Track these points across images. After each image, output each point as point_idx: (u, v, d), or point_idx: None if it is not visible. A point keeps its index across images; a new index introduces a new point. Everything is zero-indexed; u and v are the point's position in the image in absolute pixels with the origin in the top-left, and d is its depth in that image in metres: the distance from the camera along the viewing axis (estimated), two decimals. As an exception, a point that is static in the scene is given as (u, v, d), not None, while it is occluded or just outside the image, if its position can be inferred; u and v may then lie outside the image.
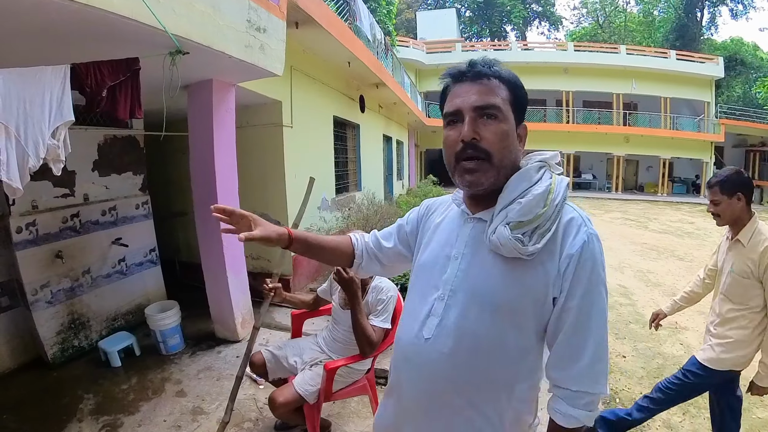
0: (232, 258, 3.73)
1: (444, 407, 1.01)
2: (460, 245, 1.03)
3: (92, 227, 3.89)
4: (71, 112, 1.92)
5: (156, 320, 3.58)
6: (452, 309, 0.99)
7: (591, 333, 0.93)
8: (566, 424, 0.95)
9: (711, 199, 2.21)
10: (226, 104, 3.51)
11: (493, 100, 0.96)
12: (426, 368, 1.01)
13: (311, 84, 5.43)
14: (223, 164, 3.56)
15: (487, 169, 0.96)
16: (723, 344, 2.19)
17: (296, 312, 2.79)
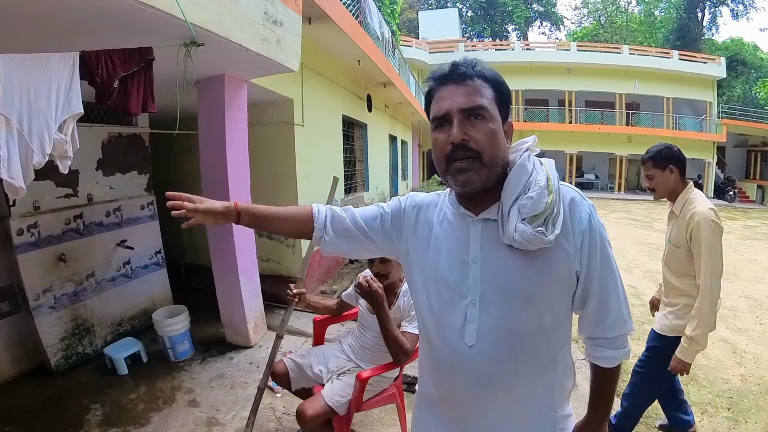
0: (245, 260, 3.58)
1: (501, 401, 1.05)
2: (475, 248, 1.04)
3: (96, 229, 3.76)
4: (80, 104, 1.76)
5: (164, 326, 3.44)
6: (487, 312, 1.01)
7: (614, 288, 1.04)
8: (610, 365, 1.08)
9: (645, 174, 2.32)
10: (238, 101, 3.37)
11: (480, 101, 0.98)
12: (478, 373, 1.03)
13: (321, 82, 5.29)
14: (236, 163, 3.42)
15: (479, 168, 0.97)
16: (673, 311, 2.26)
17: (319, 318, 2.66)
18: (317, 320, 2.66)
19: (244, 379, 3.21)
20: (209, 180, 3.46)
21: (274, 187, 4.60)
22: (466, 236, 1.06)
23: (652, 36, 33.27)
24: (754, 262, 8.07)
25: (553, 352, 1.06)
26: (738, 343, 4.27)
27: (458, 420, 1.13)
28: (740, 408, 3.10)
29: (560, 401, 1.10)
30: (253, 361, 3.47)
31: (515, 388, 1.04)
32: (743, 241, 10.29)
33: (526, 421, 1.07)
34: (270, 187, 4.57)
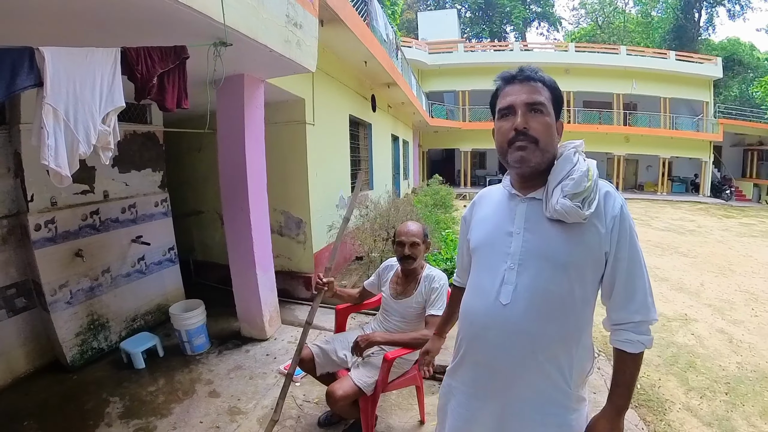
0: (261, 255, 3.67)
1: (526, 364, 1.16)
2: (519, 222, 1.22)
3: (112, 225, 3.80)
4: (122, 98, 1.83)
5: (181, 320, 3.51)
6: (524, 275, 1.16)
7: (640, 274, 1.16)
8: (635, 350, 1.16)
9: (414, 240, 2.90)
10: (256, 100, 3.46)
11: (540, 98, 1.18)
12: (508, 330, 1.17)
13: (330, 83, 5.39)
14: (254, 161, 3.51)
15: (534, 150, 1.16)
16: None
17: (341, 306, 2.81)
18: (340, 308, 2.80)
19: (263, 370, 3.28)
20: (228, 178, 3.54)
21: (286, 184, 4.69)
22: (513, 212, 1.24)
23: (649, 36, 33.30)
24: (749, 257, 8.24)
25: (578, 327, 1.17)
26: (734, 334, 4.42)
27: (480, 385, 1.27)
28: (737, 393, 3.25)
29: (577, 381, 1.20)
30: (270, 353, 3.55)
31: (540, 353, 1.15)
32: (740, 238, 10.48)
33: (543, 392, 1.18)
34: (282, 184, 4.65)
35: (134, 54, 1.88)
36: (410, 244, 2.36)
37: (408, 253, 2.35)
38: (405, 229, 2.43)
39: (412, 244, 2.36)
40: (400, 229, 2.47)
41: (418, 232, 2.41)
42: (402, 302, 2.43)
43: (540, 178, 1.22)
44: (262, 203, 3.68)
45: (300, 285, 4.81)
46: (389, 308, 2.51)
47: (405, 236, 2.38)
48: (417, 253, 2.38)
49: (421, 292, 2.37)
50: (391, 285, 2.53)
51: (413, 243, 2.36)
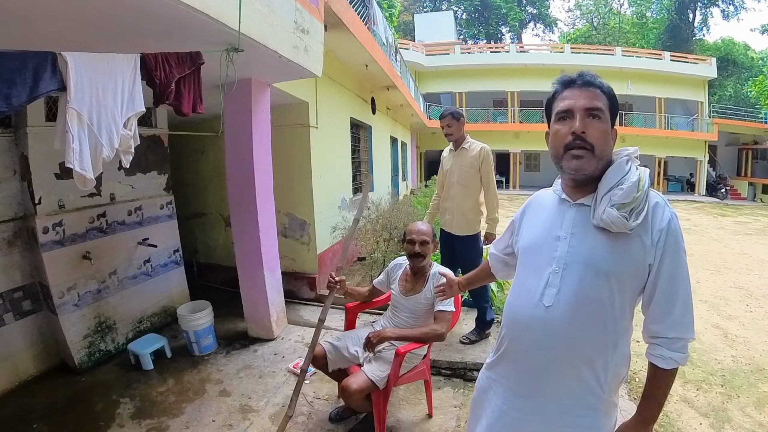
0: (269, 256, 3.73)
1: (563, 365, 1.19)
2: (567, 227, 1.23)
3: (118, 228, 3.83)
4: (142, 103, 1.88)
5: (189, 320, 3.55)
6: (568, 279, 1.18)
7: (681, 290, 1.14)
8: (666, 365, 1.15)
9: (446, 124, 3.53)
10: (263, 104, 3.52)
11: (599, 104, 1.18)
12: (548, 331, 1.19)
13: (333, 86, 5.45)
14: (261, 164, 3.57)
15: (590, 158, 1.17)
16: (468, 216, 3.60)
17: (351, 305, 2.91)
18: (350, 306, 2.90)
19: (272, 369, 3.33)
20: (236, 180, 3.60)
21: (290, 187, 4.74)
22: (562, 217, 1.26)
23: (644, 37, 33.42)
24: (744, 255, 8.35)
25: (616, 333, 1.18)
26: (729, 329, 4.52)
27: (518, 381, 1.29)
28: (733, 385, 3.35)
29: (611, 386, 1.21)
30: (278, 352, 3.60)
31: (577, 356, 1.18)
32: (734, 236, 10.59)
33: (576, 394, 1.20)
34: (286, 187, 4.70)
35: (153, 60, 1.93)
36: (420, 243, 2.49)
37: (418, 250, 2.47)
38: (416, 228, 2.55)
39: (422, 243, 2.49)
40: (410, 228, 2.58)
41: (428, 232, 2.54)
42: (411, 299, 2.53)
43: (592, 184, 1.22)
44: (269, 205, 3.74)
45: (304, 286, 4.86)
46: (399, 305, 2.60)
47: (416, 235, 2.50)
48: (426, 251, 2.50)
49: (429, 289, 2.47)
50: (400, 283, 2.63)
51: (423, 241, 2.49)
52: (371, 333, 2.32)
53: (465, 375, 3.24)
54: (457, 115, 3.58)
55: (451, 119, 3.54)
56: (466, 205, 3.59)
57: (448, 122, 3.55)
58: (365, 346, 2.31)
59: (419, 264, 2.52)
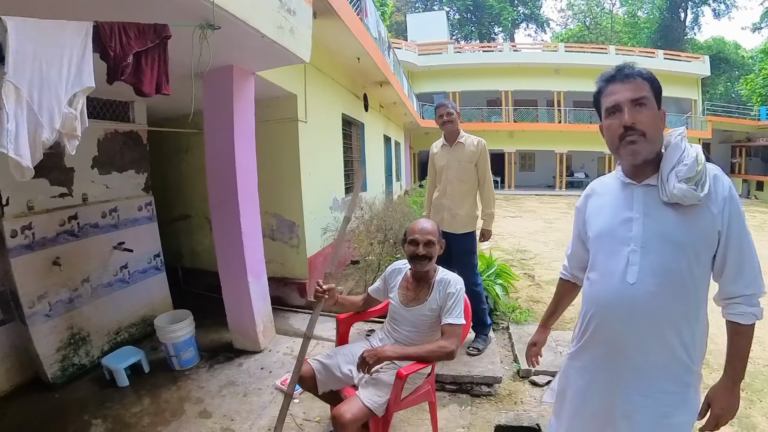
0: (253, 261, 3.41)
1: (653, 340, 1.25)
2: (638, 207, 1.29)
3: (91, 231, 3.55)
4: (92, 78, 1.59)
5: (167, 332, 3.25)
6: (648, 256, 1.24)
7: (749, 251, 1.23)
8: (747, 321, 1.25)
9: (446, 113, 3.33)
10: (246, 94, 3.22)
11: (642, 93, 1.25)
12: (636, 307, 1.25)
13: (323, 79, 5.16)
14: (244, 159, 3.26)
15: (643, 143, 1.24)
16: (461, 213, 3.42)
17: (343, 316, 2.53)
18: (341, 318, 2.52)
19: (257, 386, 3.03)
20: (216, 177, 3.29)
21: (277, 186, 4.44)
22: (630, 199, 1.33)
23: (636, 36, 33.72)
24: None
25: (697, 303, 1.25)
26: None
27: (606, 362, 1.34)
28: (753, 388, 3.17)
29: (696, 357, 1.28)
30: (265, 366, 3.30)
31: (666, 327, 1.24)
32: None
33: (667, 368, 1.25)
34: (273, 185, 4.41)
35: (108, 29, 1.63)
36: (425, 243, 2.14)
37: (423, 252, 2.13)
38: (419, 226, 2.21)
39: (427, 243, 2.14)
40: (413, 226, 2.23)
41: (433, 230, 2.19)
42: (413, 310, 2.19)
43: (651, 166, 1.30)
44: (253, 205, 3.43)
45: (294, 292, 4.56)
46: (398, 317, 2.26)
47: (420, 234, 2.16)
48: (432, 252, 2.16)
49: (435, 299, 2.15)
50: (400, 291, 2.29)
51: (428, 242, 2.14)
52: (366, 351, 1.94)
53: (472, 390, 2.95)
54: (455, 106, 3.42)
55: (451, 108, 3.36)
56: (465, 202, 3.41)
57: (448, 111, 3.35)
58: (359, 367, 1.96)
59: (423, 269, 2.18)
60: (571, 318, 4.20)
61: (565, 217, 12.82)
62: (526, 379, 3.12)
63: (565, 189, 23.16)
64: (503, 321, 3.89)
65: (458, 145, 3.41)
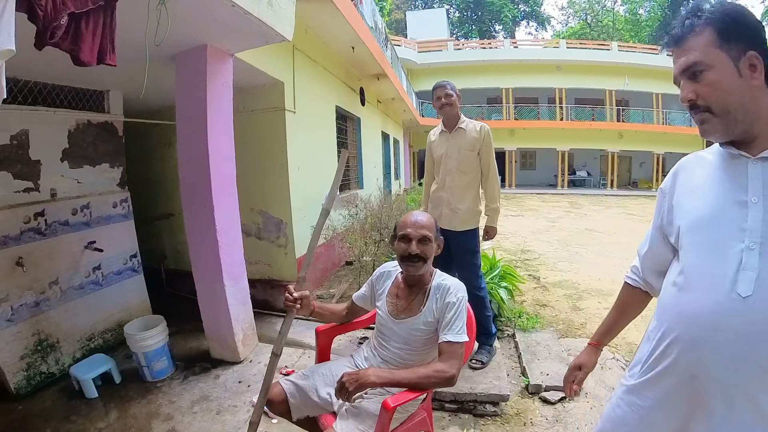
0: (231, 262, 3.08)
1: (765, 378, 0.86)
2: (756, 187, 0.93)
3: (61, 229, 3.28)
4: (12, 39, 1.30)
5: (137, 340, 2.95)
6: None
7: None
8: None
9: (445, 95, 3.00)
10: (222, 76, 2.90)
11: (690, 59, 0.95)
12: (751, 332, 0.87)
13: (314, 68, 4.85)
14: (219, 148, 2.93)
15: (711, 119, 0.95)
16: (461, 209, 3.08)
17: (323, 327, 2.11)
18: (321, 330, 2.10)
19: (233, 402, 2.72)
20: (187, 168, 2.97)
21: (263, 181, 4.14)
22: (743, 176, 0.96)
23: (637, 35, 33.63)
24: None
25: None
26: None
27: (694, 408, 0.95)
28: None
29: None
30: (243, 380, 2.98)
31: None
32: None
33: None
34: (258, 181, 4.13)
35: (36, -17, 1.34)
36: (419, 239, 1.74)
37: (416, 251, 1.72)
38: (411, 219, 1.81)
39: (421, 239, 1.74)
40: (404, 219, 1.84)
41: (429, 224, 1.79)
42: (405, 323, 1.79)
43: (762, 134, 0.94)
44: (230, 200, 3.11)
45: (282, 295, 4.17)
46: (387, 331, 1.86)
47: (412, 228, 1.76)
48: (428, 252, 1.76)
49: (431, 309, 1.75)
50: (388, 299, 1.89)
51: (423, 237, 1.75)
52: (346, 375, 1.54)
53: (475, 409, 2.59)
54: (454, 88, 3.06)
55: (450, 90, 3.02)
56: (468, 196, 3.06)
57: (447, 93, 3.01)
58: (338, 393, 1.55)
59: (417, 272, 1.77)
60: (582, 323, 3.90)
61: (568, 216, 12.53)
62: (536, 396, 2.74)
63: (567, 188, 22.88)
64: (508, 328, 3.56)
65: (459, 132, 3.07)
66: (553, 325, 3.81)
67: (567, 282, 5.40)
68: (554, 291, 4.97)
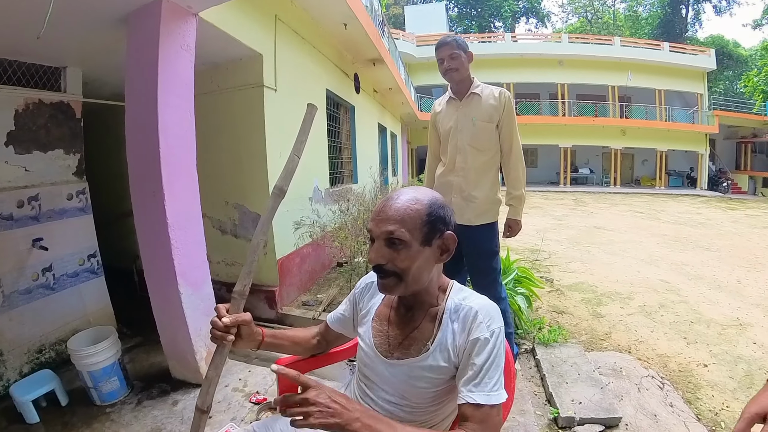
0: (188, 264, 2.53)
1: None
2: None
3: (4, 224, 2.85)
4: None
5: (81, 357, 2.45)
6: None
7: None
8: None
9: (448, 55, 2.42)
10: (180, 38, 2.36)
11: None
12: None
13: (300, 44, 4.30)
14: (173, 127, 2.38)
15: None
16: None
17: (285, 360, 1.46)
18: (284, 363, 1.41)
19: (190, 437, 2.23)
20: (135, 147, 2.43)
21: (238, 169, 3.62)
22: None
23: (637, 33, 33.64)
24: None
25: None
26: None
27: None
28: None
29: None
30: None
31: None
32: (752, 229, 10.03)
33: None
34: (233, 169, 3.63)
35: None
36: (386, 239, 1.04)
37: (376, 259, 1.05)
38: (380, 205, 1.10)
39: (388, 240, 1.04)
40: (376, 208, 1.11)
41: (406, 212, 1.04)
42: (399, 365, 1.12)
43: None
44: (187, 187, 2.53)
45: (261, 302, 3.73)
46: (372, 374, 1.19)
47: (375, 219, 1.07)
48: (400, 261, 1.04)
49: (444, 346, 1.07)
50: (376, 325, 1.22)
51: (389, 237, 1.03)
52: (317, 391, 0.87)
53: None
54: (463, 44, 2.44)
55: (456, 48, 2.41)
56: (485, 180, 2.47)
57: (452, 53, 2.41)
58: (282, 404, 0.89)
59: (389, 292, 1.09)
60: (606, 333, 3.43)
61: (574, 214, 12.09)
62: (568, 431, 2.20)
63: (571, 185, 22.40)
64: (526, 341, 3.02)
65: (472, 98, 2.49)
66: (575, 336, 3.31)
67: (583, 284, 4.93)
68: (571, 295, 4.48)
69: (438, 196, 1.10)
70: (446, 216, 1.08)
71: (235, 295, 1.20)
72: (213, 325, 1.15)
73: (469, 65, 2.49)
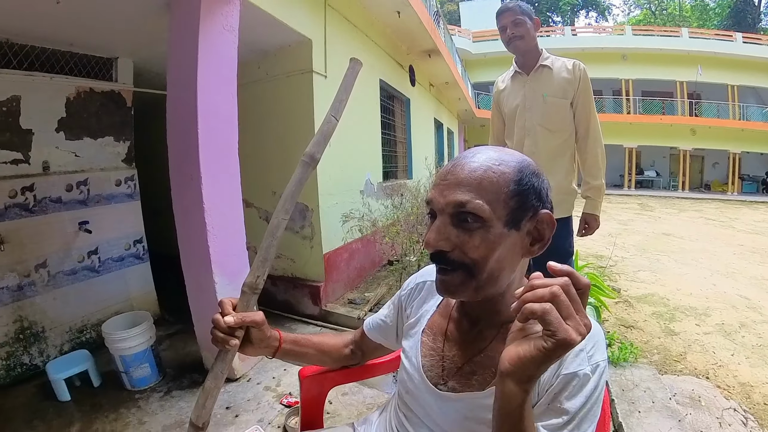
0: (224, 252, 2.41)
1: None
2: None
3: (52, 206, 2.94)
4: None
5: (114, 341, 2.42)
6: None
7: None
8: None
9: (512, 22, 2.12)
10: (222, 19, 2.25)
11: None
12: None
13: (351, 31, 4.12)
14: (213, 108, 2.27)
15: None
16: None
17: (310, 371, 1.22)
18: (306, 375, 1.21)
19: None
20: (174, 131, 2.34)
21: (285, 160, 3.47)
22: None
23: (705, 24, 31.05)
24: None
25: None
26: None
27: None
28: None
29: None
30: (232, 405, 2.32)
31: None
32: None
33: None
34: (280, 160, 3.50)
35: None
36: (451, 214, 0.72)
37: (437, 244, 0.72)
38: (446, 167, 0.77)
39: (455, 215, 0.71)
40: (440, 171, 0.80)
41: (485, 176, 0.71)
42: (457, 400, 0.80)
43: None
44: (227, 171, 2.44)
45: (305, 297, 3.59)
46: (416, 404, 0.90)
47: (438, 186, 0.75)
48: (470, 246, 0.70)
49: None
50: (427, 340, 0.91)
51: (459, 209, 0.70)
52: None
53: None
54: (527, 10, 2.13)
55: (520, 13, 2.11)
56: (559, 167, 2.16)
57: (513, 19, 2.11)
58: None
59: (453, 294, 0.77)
60: (681, 354, 3.02)
61: (640, 218, 11.25)
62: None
63: (635, 189, 21.02)
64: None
65: (542, 72, 2.18)
66: (646, 354, 2.93)
67: (653, 296, 4.44)
68: (640, 308, 4.02)
69: (529, 160, 0.78)
70: (542, 188, 0.75)
71: (245, 288, 0.92)
72: (214, 324, 0.88)
73: (536, 34, 2.19)
